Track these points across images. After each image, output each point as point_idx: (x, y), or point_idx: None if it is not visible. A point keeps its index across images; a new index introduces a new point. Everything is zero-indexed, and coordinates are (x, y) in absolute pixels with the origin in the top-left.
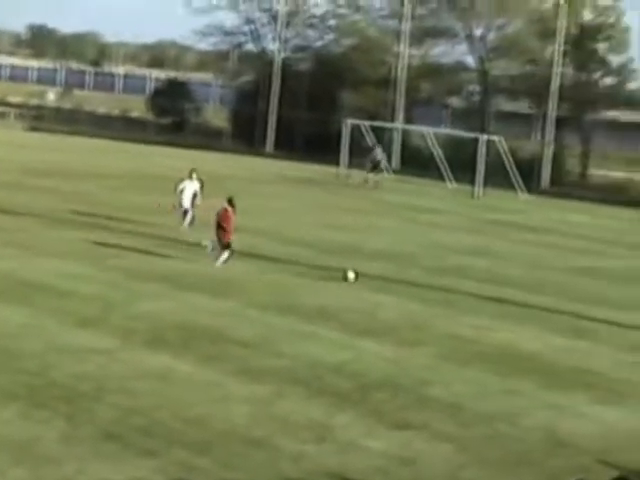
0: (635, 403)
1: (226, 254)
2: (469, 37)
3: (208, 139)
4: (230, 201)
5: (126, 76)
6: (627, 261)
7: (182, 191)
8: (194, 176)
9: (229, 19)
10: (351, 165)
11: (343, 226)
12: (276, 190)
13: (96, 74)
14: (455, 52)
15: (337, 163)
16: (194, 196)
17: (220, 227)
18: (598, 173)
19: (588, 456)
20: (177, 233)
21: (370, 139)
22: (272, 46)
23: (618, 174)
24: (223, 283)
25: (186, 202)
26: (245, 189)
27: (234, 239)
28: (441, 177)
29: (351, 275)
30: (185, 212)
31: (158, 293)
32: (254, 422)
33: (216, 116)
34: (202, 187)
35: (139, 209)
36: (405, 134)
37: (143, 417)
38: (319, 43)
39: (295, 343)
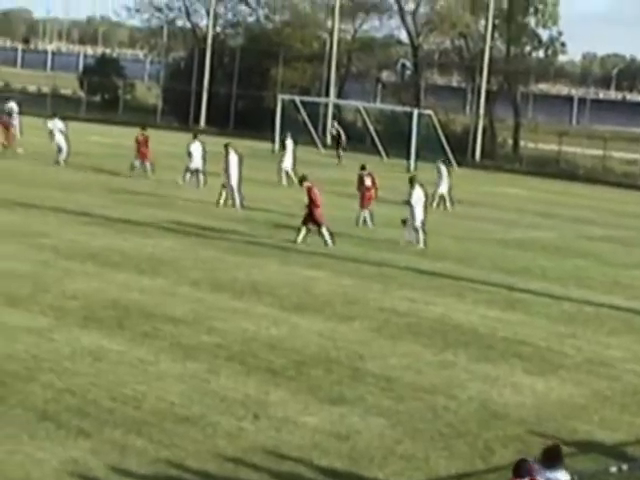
0: (566, 373)
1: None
2: (401, 11)
3: (141, 116)
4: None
5: (57, 53)
6: (559, 232)
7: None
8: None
9: None
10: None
11: (275, 201)
12: (207, 166)
13: (26, 51)
14: (387, 26)
15: (271, 139)
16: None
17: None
18: (529, 146)
19: (521, 427)
20: (104, 209)
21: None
22: (204, 22)
23: (549, 146)
24: (152, 260)
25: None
26: (176, 165)
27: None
28: (375, 152)
29: None
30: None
31: (88, 272)
32: (189, 400)
33: (149, 93)
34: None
35: (68, 186)
36: (338, 109)
37: (77, 397)
38: (251, 18)
39: (228, 319)
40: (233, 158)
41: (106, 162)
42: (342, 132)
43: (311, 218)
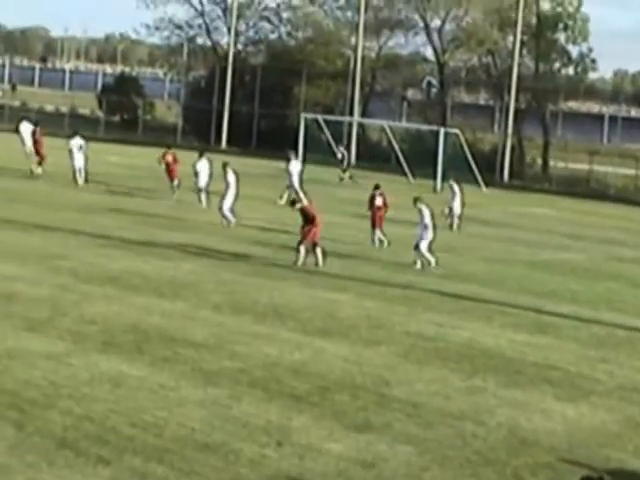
0: (597, 399)
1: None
2: (426, 28)
3: (161, 136)
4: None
5: (75, 72)
6: (589, 254)
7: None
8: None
9: (180, 12)
10: (307, 160)
11: (293, 222)
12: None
13: (44, 70)
14: (413, 43)
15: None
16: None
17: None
18: (559, 165)
19: (552, 454)
20: (122, 231)
21: (326, 135)
22: (225, 39)
23: (579, 166)
24: (172, 283)
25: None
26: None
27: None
28: (401, 172)
29: None
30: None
31: (107, 295)
32: (210, 426)
33: (169, 112)
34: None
35: (86, 208)
36: (363, 128)
37: (96, 424)
38: (273, 36)
39: (250, 344)
40: (231, 177)
41: (125, 183)
42: (346, 156)
43: (305, 234)
